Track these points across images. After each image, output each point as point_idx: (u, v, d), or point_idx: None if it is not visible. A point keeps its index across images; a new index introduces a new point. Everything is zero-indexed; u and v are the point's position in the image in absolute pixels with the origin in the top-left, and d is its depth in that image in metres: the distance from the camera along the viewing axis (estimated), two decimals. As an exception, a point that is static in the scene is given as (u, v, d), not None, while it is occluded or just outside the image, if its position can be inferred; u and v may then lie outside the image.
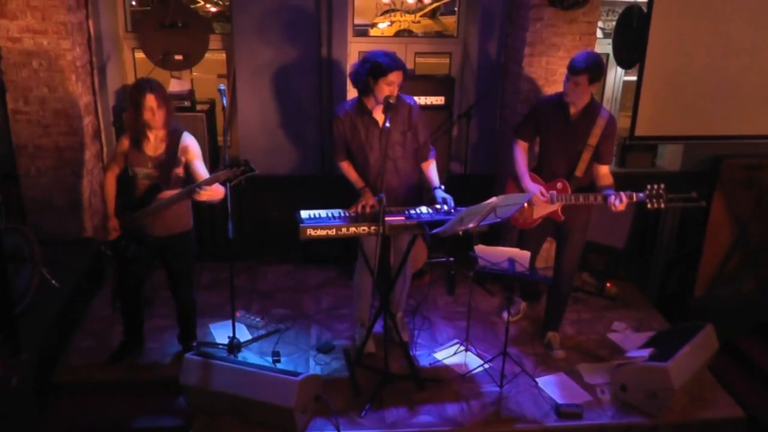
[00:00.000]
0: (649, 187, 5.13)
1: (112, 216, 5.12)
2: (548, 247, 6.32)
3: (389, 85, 4.91)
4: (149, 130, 4.92)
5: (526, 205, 5.48)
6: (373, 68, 4.93)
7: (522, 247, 5.24)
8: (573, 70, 5.17)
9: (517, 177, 5.59)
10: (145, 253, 5.17)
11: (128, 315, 5.47)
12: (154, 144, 4.98)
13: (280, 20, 6.88)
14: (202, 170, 5.03)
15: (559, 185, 5.45)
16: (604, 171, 5.40)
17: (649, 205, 5.14)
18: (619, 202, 5.13)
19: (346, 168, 5.32)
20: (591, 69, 5.13)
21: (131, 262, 5.17)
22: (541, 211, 5.52)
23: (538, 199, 5.42)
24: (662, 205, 5.12)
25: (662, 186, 5.12)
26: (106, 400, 5.30)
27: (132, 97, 4.86)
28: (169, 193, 4.97)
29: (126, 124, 5.02)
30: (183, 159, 5.01)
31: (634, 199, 5.15)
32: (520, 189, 5.55)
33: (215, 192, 4.85)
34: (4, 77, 6.14)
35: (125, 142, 5.03)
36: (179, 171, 5.02)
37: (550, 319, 5.92)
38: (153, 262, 5.34)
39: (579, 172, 5.39)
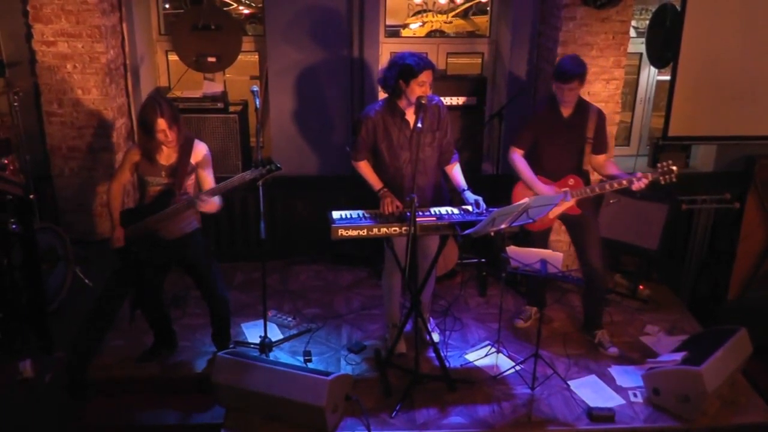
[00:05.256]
0: (659, 165, 5.28)
1: (117, 225, 5.08)
2: (569, 250, 6.27)
3: (421, 86, 4.90)
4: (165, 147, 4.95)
5: None
6: (403, 70, 4.91)
7: None
8: (564, 78, 5.27)
9: (526, 183, 5.57)
10: (160, 256, 5.18)
11: (152, 321, 5.50)
12: (167, 153, 4.99)
13: (312, 22, 6.91)
14: (210, 178, 5.07)
15: (571, 181, 5.51)
16: (604, 159, 5.56)
17: (662, 180, 5.26)
18: (645, 180, 5.26)
19: (365, 168, 5.31)
20: (581, 73, 5.30)
21: (146, 266, 5.18)
22: (558, 210, 5.51)
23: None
24: (674, 179, 5.23)
25: (670, 162, 5.26)
26: (138, 398, 5.35)
27: (143, 122, 4.84)
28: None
29: (139, 143, 4.99)
30: (195, 165, 5.05)
31: (650, 177, 5.28)
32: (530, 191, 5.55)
33: (212, 203, 4.93)
34: (39, 80, 6.22)
35: (136, 153, 5.00)
36: (192, 177, 5.07)
37: (593, 319, 5.88)
38: (168, 265, 5.36)
39: (585, 165, 5.53)
